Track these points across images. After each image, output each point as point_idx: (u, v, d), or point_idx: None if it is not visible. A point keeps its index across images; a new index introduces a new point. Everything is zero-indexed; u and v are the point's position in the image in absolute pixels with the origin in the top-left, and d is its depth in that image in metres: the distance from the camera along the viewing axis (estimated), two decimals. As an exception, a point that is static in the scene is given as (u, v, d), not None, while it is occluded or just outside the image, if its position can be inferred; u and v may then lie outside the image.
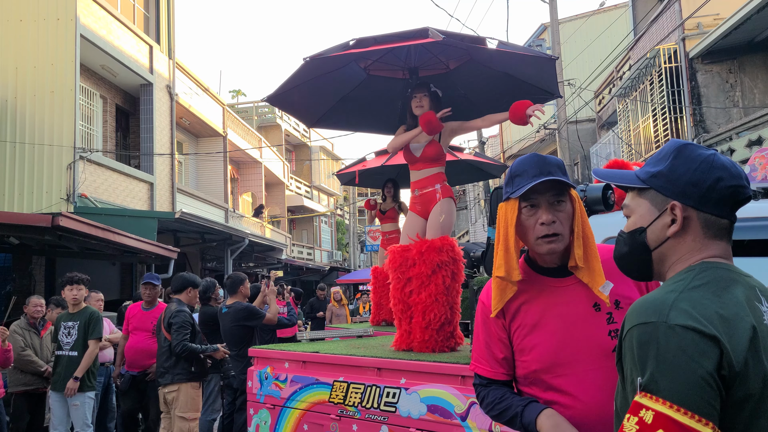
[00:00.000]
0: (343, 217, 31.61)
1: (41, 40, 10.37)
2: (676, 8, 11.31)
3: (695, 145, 1.17)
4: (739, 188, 1.11)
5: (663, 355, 0.97)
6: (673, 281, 1.11)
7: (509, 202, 1.62)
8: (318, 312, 12.07)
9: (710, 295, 1.04)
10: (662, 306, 1.02)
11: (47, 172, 10.13)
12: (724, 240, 1.14)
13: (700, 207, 1.12)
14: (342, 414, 3.23)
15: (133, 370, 5.70)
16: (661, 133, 11.74)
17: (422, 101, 4.05)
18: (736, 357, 0.96)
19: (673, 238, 1.16)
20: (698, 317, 0.98)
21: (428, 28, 3.55)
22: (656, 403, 0.95)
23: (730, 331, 0.98)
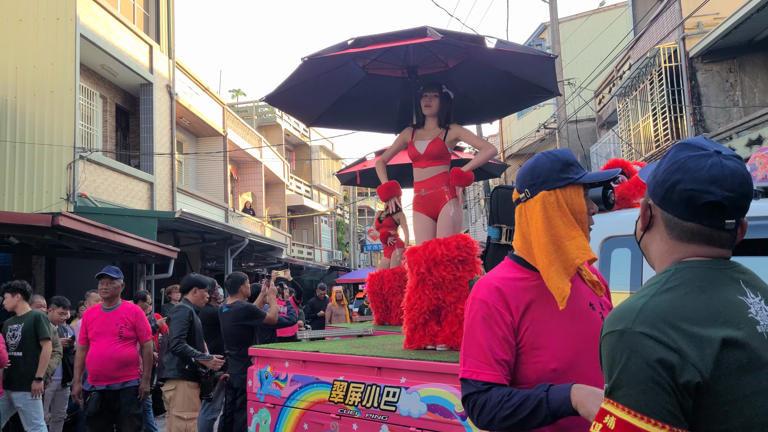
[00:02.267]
0: (343, 217, 31.61)
1: (41, 39, 10.37)
2: (676, 7, 11.31)
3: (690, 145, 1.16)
4: (695, 192, 1.09)
5: (624, 362, 1.00)
6: (649, 284, 1.13)
7: (573, 188, 1.62)
8: (318, 312, 12.08)
9: (680, 299, 1.05)
10: (630, 313, 1.05)
11: (47, 171, 10.13)
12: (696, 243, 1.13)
13: (662, 206, 1.16)
14: (342, 413, 3.23)
15: (100, 384, 4.79)
16: (661, 132, 11.74)
17: (432, 101, 4.06)
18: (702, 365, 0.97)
19: (646, 234, 1.22)
20: (661, 325, 1.01)
21: (426, 27, 3.55)
22: (617, 409, 1.00)
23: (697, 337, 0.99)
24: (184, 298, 5.04)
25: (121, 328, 4.88)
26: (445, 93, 4.09)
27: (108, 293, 4.92)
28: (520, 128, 20.58)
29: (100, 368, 4.78)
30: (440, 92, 4.07)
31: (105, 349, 4.80)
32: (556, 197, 1.62)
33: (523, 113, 19.46)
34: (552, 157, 1.66)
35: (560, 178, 1.62)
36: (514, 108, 5.26)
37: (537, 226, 1.62)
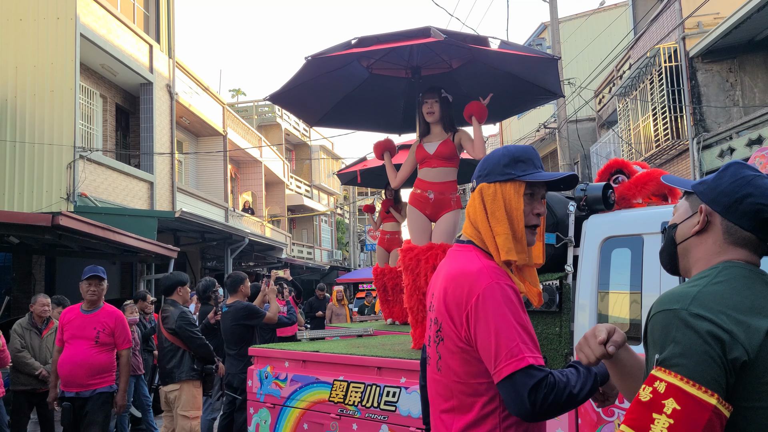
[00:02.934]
0: (343, 217, 31.60)
1: (41, 39, 10.37)
2: (676, 7, 11.31)
3: (747, 166, 1.32)
4: (765, 207, 1.25)
5: (679, 336, 1.13)
6: (697, 277, 1.26)
7: (514, 185, 1.64)
8: (317, 311, 12.08)
9: (730, 290, 1.19)
10: (685, 297, 1.18)
11: (47, 171, 10.13)
12: (746, 249, 1.28)
13: (724, 214, 1.29)
14: (342, 413, 3.23)
15: (70, 390, 4.49)
16: (661, 132, 11.74)
17: (433, 107, 4.07)
18: (749, 346, 1.10)
19: (696, 237, 1.33)
20: (715, 309, 1.14)
21: (430, 27, 3.55)
22: (669, 375, 1.11)
23: (745, 323, 1.12)
24: (171, 300, 4.94)
25: (98, 333, 4.56)
26: (444, 97, 4.09)
27: (96, 295, 4.64)
28: (520, 128, 20.58)
29: (70, 373, 4.47)
30: (440, 97, 4.08)
31: (78, 354, 4.48)
32: (494, 190, 1.65)
33: (523, 113, 19.45)
34: (504, 152, 1.68)
35: (503, 173, 1.65)
36: (517, 109, 5.26)
37: (481, 217, 1.66)
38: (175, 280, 5.02)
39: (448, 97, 4.12)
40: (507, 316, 1.49)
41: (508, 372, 1.45)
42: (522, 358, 1.45)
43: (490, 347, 1.48)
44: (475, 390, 1.55)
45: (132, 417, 6.96)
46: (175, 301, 4.93)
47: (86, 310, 4.64)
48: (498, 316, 1.49)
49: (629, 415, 1.15)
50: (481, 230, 1.66)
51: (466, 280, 1.56)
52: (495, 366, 1.47)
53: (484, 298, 1.51)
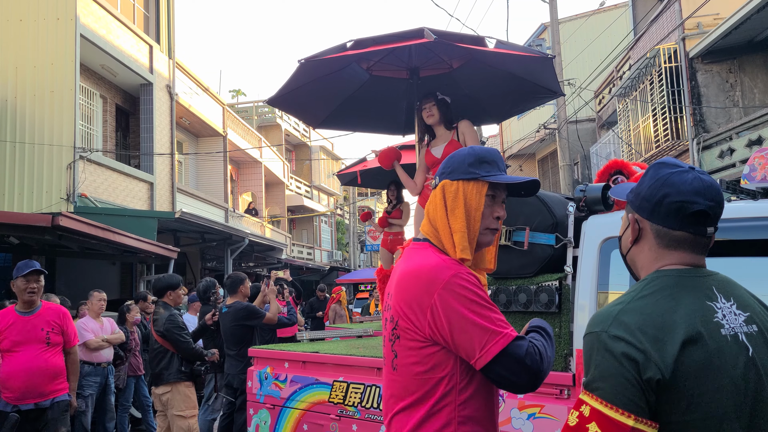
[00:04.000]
0: (343, 217, 31.61)
1: (41, 39, 10.37)
2: (676, 8, 11.31)
3: (666, 164, 1.30)
4: (684, 203, 1.23)
5: (599, 360, 1.16)
6: (627, 292, 1.27)
7: (476, 184, 1.64)
8: (317, 312, 12.08)
9: (652, 305, 1.19)
10: (607, 318, 1.20)
11: (47, 171, 10.13)
12: (682, 250, 1.27)
13: (651, 219, 1.28)
14: (342, 414, 3.23)
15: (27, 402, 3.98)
16: (661, 132, 11.74)
17: (432, 110, 4.09)
18: (663, 364, 1.11)
19: (634, 246, 1.34)
20: (633, 328, 1.15)
21: (424, 28, 3.55)
22: (592, 399, 1.14)
23: (662, 340, 1.13)
24: (162, 302, 4.94)
25: (48, 333, 4.11)
26: (441, 99, 4.12)
27: (36, 293, 4.13)
28: (520, 128, 20.59)
29: (28, 383, 3.96)
30: (436, 99, 4.11)
31: (30, 360, 3.98)
32: (456, 188, 1.64)
33: (523, 114, 19.45)
34: (470, 151, 1.68)
35: (467, 171, 1.64)
36: (518, 109, 5.26)
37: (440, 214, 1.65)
38: (166, 282, 5.01)
39: (445, 99, 4.14)
40: (477, 301, 1.51)
41: (498, 350, 1.46)
42: (505, 334, 1.48)
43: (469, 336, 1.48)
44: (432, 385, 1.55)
45: (132, 417, 6.97)
46: (166, 304, 4.93)
47: (25, 311, 4.12)
48: (469, 303, 1.50)
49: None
50: (439, 227, 1.65)
51: (424, 276, 1.55)
52: (481, 349, 1.47)
53: (448, 290, 1.51)
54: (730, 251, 2.50)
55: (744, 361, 1.15)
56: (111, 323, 6.38)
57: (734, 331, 1.18)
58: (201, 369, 4.90)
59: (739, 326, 1.19)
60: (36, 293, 4.12)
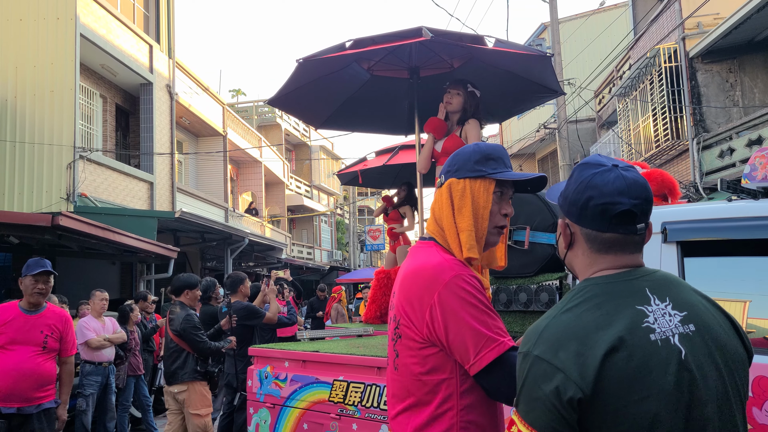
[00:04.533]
0: (343, 217, 31.60)
1: (41, 39, 10.37)
2: (676, 8, 11.31)
3: (590, 164, 1.27)
4: (608, 205, 1.20)
5: (523, 381, 1.15)
6: (555, 305, 1.24)
7: (484, 182, 1.61)
8: (317, 312, 12.09)
9: (575, 318, 1.16)
10: (532, 336, 1.18)
11: (47, 171, 10.13)
12: (614, 252, 1.24)
13: (580, 223, 1.26)
14: (342, 413, 3.23)
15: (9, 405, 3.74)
16: (661, 132, 11.74)
17: (452, 99, 4.00)
18: (582, 382, 1.08)
19: (570, 252, 1.31)
20: (555, 345, 1.13)
21: (422, 27, 3.55)
22: (519, 420, 1.14)
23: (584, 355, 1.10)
24: (179, 302, 4.96)
25: (46, 337, 3.91)
26: (470, 92, 4.03)
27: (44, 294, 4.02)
28: (520, 128, 20.58)
29: (14, 385, 3.74)
30: (464, 90, 4.01)
31: (23, 362, 3.79)
32: (463, 186, 1.62)
33: (523, 113, 19.46)
34: (475, 148, 1.65)
35: (473, 169, 1.62)
36: (520, 108, 5.26)
37: (447, 212, 1.62)
38: (184, 282, 5.03)
39: (475, 92, 4.04)
40: (476, 305, 1.47)
41: (490, 359, 1.43)
42: (502, 342, 1.44)
43: (464, 339, 1.45)
44: (431, 388, 1.52)
45: (132, 417, 6.97)
46: (182, 303, 4.93)
47: (29, 309, 3.95)
48: (466, 307, 1.46)
49: None
50: (445, 226, 1.62)
51: (426, 275, 1.53)
52: (475, 355, 1.44)
53: (449, 290, 1.48)
54: (731, 251, 2.50)
55: (676, 366, 1.11)
56: (113, 323, 6.39)
57: (665, 335, 1.13)
58: (215, 370, 4.91)
59: (674, 328, 1.15)
60: (43, 294, 3.98)
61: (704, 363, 1.14)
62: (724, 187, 3.14)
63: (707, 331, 1.18)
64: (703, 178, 10.66)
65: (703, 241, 2.49)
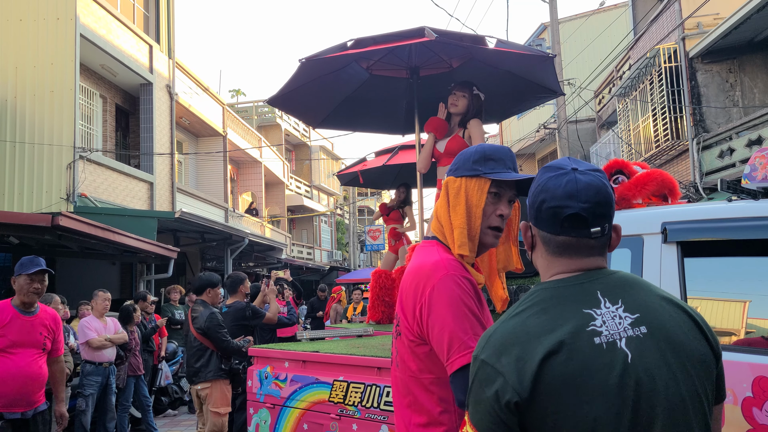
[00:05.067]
0: (343, 217, 31.61)
1: (41, 39, 10.37)
2: (676, 8, 11.31)
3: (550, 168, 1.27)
4: (557, 208, 1.21)
5: (471, 384, 1.18)
6: (507, 310, 1.26)
7: (479, 181, 1.62)
8: (318, 312, 12.09)
9: (521, 323, 1.18)
10: (483, 340, 1.21)
11: (47, 171, 10.13)
12: (568, 255, 1.24)
13: (537, 225, 1.28)
14: (342, 413, 3.23)
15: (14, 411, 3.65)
16: (660, 132, 11.74)
17: (458, 101, 4.00)
18: (520, 387, 1.10)
19: (533, 253, 1.33)
20: (499, 350, 1.15)
21: (424, 27, 3.55)
22: (467, 421, 1.18)
23: (523, 359, 1.12)
24: (200, 300, 5.00)
25: (44, 339, 3.82)
26: (475, 94, 4.03)
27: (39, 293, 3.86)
28: (520, 128, 20.59)
29: (20, 390, 3.64)
30: (470, 93, 4.01)
31: (28, 365, 3.70)
32: (458, 184, 1.63)
33: (523, 113, 19.47)
34: (477, 149, 1.67)
35: (471, 168, 1.63)
36: (518, 108, 5.26)
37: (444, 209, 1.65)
38: (206, 280, 5.09)
39: (479, 95, 4.04)
40: (461, 308, 1.47)
41: (460, 364, 1.42)
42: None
43: (443, 339, 1.46)
44: (426, 387, 1.53)
45: (132, 417, 6.97)
46: (204, 302, 4.98)
47: (26, 310, 3.79)
48: (451, 308, 1.47)
49: None
50: (443, 224, 1.65)
51: (422, 274, 1.55)
52: (447, 358, 1.45)
53: (438, 289, 1.49)
54: (731, 251, 2.50)
55: (620, 370, 1.10)
56: (115, 323, 6.39)
57: (612, 338, 1.13)
58: (239, 367, 4.93)
59: (622, 331, 1.14)
60: (39, 294, 3.85)
61: (654, 366, 1.12)
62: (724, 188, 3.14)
63: (661, 333, 1.15)
64: (703, 179, 10.66)
65: (703, 242, 2.49)
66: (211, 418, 4.78)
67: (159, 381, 7.83)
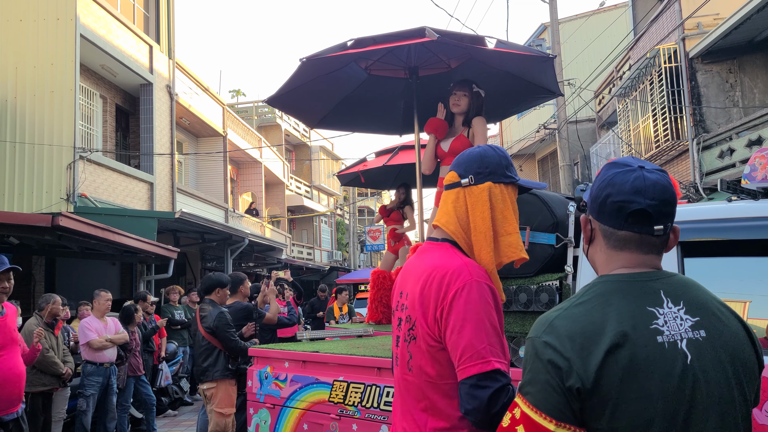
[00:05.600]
0: (343, 217, 31.61)
1: (41, 39, 10.37)
2: (676, 8, 11.31)
3: (616, 164, 1.31)
4: (624, 203, 1.24)
5: (530, 364, 1.19)
6: (568, 298, 1.29)
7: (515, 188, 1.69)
8: (318, 312, 12.09)
9: (585, 313, 1.20)
10: (542, 324, 1.23)
11: (47, 172, 10.13)
12: (629, 250, 1.27)
13: (599, 219, 1.30)
14: (342, 414, 3.23)
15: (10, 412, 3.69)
16: (660, 132, 11.74)
17: (460, 100, 4.01)
18: (584, 374, 1.12)
19: (590, 247, 1.35)
20: (563, 335, 1.17)
21: (425, 27, 3.56)
22: (522, 402, 1.18)
23: (587, 348, 1.14)
24: (209, 299, 5.02)
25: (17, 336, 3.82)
26: (476, 92, 4.04)
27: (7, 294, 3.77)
28: (520, 129, 20.59)
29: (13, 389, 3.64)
30: (470, 91, 4.02)
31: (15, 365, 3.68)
32: (500, 191, 1.66)
33: (523, 114, 19.48)
34: (500, 153, 1.70)
35: (506, 175, 1.67)
36: (517, 109, 5.26)
37: (483, 215, 1.63)
38: (216, 280, 5.12)
39: (480, 92, 4.05)
40: (480, 316, 1.47)
41: (472, 372, 1.42)
42: (488, 361, 1.43)
43: (457, 344, 1.46)
44: (446, 392, 1.52)
45: (132, 417, 6.97)
46: (213, 301, 5.02)
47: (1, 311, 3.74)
48: (471, 314, 1.47)
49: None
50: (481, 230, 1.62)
51: (446, 276, 1.53)
52: (459, 364, 1.45)
53: (461, 294, 1.48)
54: (731, 251, 2.50)
55: (680, 370, 1.13)
56: (115, 323, 6.39)
57: (673, 339, 1.15)
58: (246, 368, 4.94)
59: (683, 332, 1.17)
60: (7, 293, 3.76)
61: (711, 369, 1.15)
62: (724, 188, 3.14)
63: (718, 338, 1.19)
64: (703, 179, 10.66)
65: (703, 242, 2.49)
66: (214, 417, 4.81)
67: (159, 381, 7.83)
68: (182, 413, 8.33)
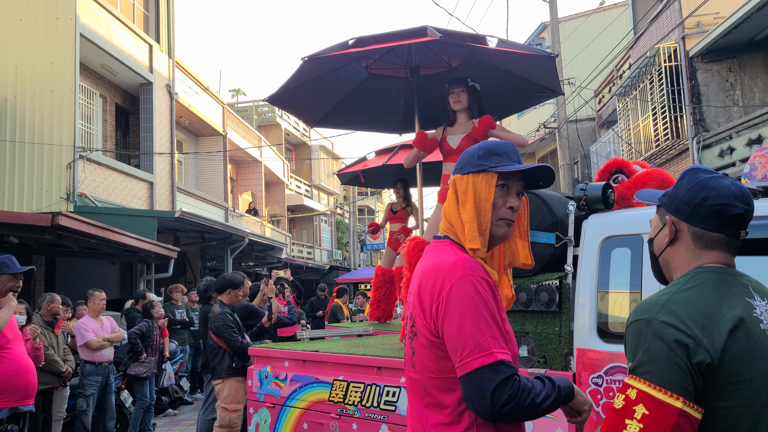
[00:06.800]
0: (343, 216, 31.60)
1: (41, 39, 10.37)
2: (676, 7, 11.31)
3: (702, 170, 1.38)
4: (724, 206, 1.31)
5: (647, 345, 1.21)
6: (670, 285, 1.34)
7: (486, 176, 1.63)
8: (318, 311, 12.10)
9: (697, 296, 1.25)
10: (654, 306, 1.26)
11: (47, 171, 10.13)
12: (718, 250, 1.34)
13: (689, 221, 1.35)
14: (342, 413, 3.23)
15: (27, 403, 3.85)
16: (660, 131, 11.74)
17: (460, 97, 4.04)
18: (712, 349, 1.18)
19: (670, 247, 1.40)
20: (681, 316, 1.21)
21: (427, 26, 3.56)
22: (639, 382, 1.19)
23: (710, 327, 1.19)
24: (219, 300, 5.07)
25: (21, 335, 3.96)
26: (471, 86, 4.07)
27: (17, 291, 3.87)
28: (520, 128, 20.58)
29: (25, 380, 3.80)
30: (467, 86, 4.05)
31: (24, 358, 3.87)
32: (466, 181, 1.65)
33: (523, 113, 19.47)
34: (481, 145, 1.69)
35: (476, 164, 1.65)
36: (517, 107, 5.26)
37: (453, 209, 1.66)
38: (229, 280, 5.16)
39: (475, 86, 4.08)
40: (478, 309, 1.46)
41: (474, 366, 1.41)
42: (490, 353, 1.42)
43: (457, 339, 1.45)
44: (447, 386, 1.52)
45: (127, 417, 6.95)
46: (221, 302, 5.06)
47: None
48: (468, 308, 1.46)
49: (605, 422, 1.25)
50: (453, 222, 1.65)
51: (440, 273, 1.54)
52: (460, 359, 1.44)
53: (456, 289, 1.48)
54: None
55: None
56: (111, 322, 6.40)
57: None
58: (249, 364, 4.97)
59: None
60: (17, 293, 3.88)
61: None
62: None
63: None
64: (703, 178, 10.64)
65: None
66: (219, 412, 4.87)
67: (162, 381, 7.84)
68: (182, 413, 8.33)
